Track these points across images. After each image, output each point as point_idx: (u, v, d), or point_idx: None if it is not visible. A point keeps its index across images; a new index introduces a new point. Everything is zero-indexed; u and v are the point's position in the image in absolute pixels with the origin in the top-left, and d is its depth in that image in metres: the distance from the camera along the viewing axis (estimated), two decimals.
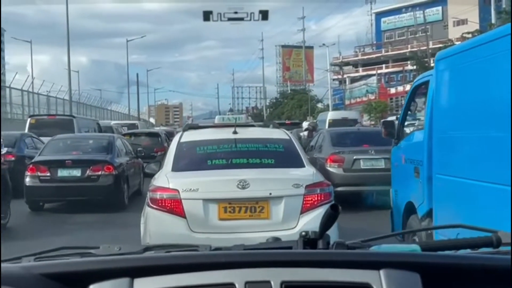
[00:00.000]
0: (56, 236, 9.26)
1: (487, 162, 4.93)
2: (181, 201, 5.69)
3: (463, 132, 5.36)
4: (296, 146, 6.74)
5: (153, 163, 7.58)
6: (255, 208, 5.76)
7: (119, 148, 13.66)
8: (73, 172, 12.10)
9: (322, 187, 5.96)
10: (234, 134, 6.65)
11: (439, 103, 5.92)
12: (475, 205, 5.12)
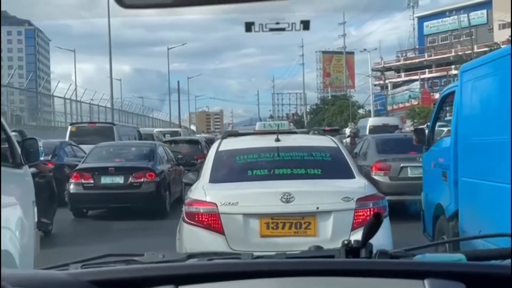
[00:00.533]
0: (99, 243, 9.31)
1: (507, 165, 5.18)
2: (219, 215, 5.26)
3: (485, 138, 5.79)
4: (344, 155, 6.23)
5: (191, 173, 7.12)
6: (300, 224, 5.26)
7: (161, 156, 13.79)
8: (116, 179, 12.27)
9: (375, 200, 5.43)
10: (277, 141, 6.22)
11: (463, 111, 6.42)
12: (496, 206, 5.51)
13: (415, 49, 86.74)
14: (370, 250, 1.57)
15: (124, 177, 12.26)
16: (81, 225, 11.92)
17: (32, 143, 5.42)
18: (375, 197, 5.49)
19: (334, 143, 6.51)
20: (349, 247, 1.58)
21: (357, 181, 5.80)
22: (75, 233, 10.92)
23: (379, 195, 5.63)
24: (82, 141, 18.40)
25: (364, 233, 1.59)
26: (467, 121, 6.35)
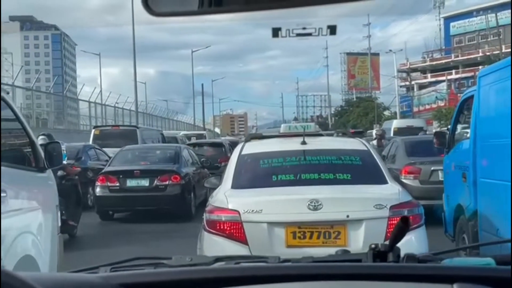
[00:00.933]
0: (125, 246, 9.44)
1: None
2: (242, 224, 4.92)
3: (503, 140, 5.96)
4: (376, 158, 5.84)
5: (213, 177, 6.87)
6: (329, 234, 4.90)
7: (186, 158, 13.87)
8: (142, 182, 12.39)
9: (410, 207, 5.03)
10: (303, 144, 5.87)
11: (482, 114, 6.69)
12: None
13: (441, 49, 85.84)
14: (398, 254, 1.55)
15: (150, 179, 12.37)
16: (107, 227, 11.99)
17: (55, 147, 5.37)
18: (410, 204, 5.11)
19: (364, 145, 6.16)
20: (377, 251, 1.56)
21: (390, 186, 5.42)
22: (101, 236, 10.98)
23: (415, 202, 5.23)
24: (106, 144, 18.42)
25: (391, 237, 1.57)
26: (485, 123, 6.61)
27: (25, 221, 4.67)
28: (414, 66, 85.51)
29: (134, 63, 37.22)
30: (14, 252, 4.27)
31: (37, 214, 4.96)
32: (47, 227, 5.14)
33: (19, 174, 4.81)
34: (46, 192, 5.39)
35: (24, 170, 4.97)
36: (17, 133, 5.16)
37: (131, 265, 1.69)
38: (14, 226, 4.36)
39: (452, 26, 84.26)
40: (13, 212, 4.38)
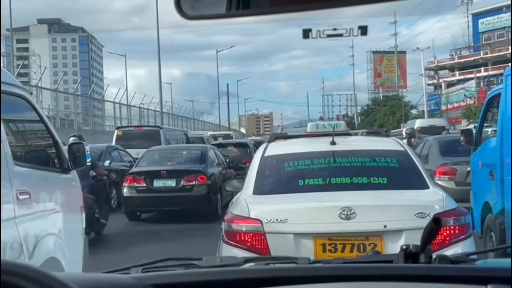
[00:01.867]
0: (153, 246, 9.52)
1: None
2: (265, 235, 4.41)
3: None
4: (414, 160, 5.23)
5: (235, 180, 6.40)
6: (364, 246, 4.35)
7: (212, 159, 13.94)
8: (168, 182, 12.47)
9: (456, 216, 4.46)
10: (332, 145, 5.31)
11: (508, 112, 6.67)
12: None
13: (469, 47, 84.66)
14: (430, 255, 1.54)
15: (176, 180, 12.43)
16: (135, 228, 12.09)
17: (80, 148, 5.31)
18: (456, 212, 4.53)
19: (401, 145, 5.57)
20: (408, 252, 1.56)
21: (432, 192, 4.81)
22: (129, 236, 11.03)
23: (462, 210, 4.66)
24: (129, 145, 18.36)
25: (423, 237, 1.55)
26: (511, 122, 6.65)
27: (49, 223, 4.67)
28: (442, 64, 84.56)
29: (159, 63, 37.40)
30: (38, 254, 4.25)
31: (61, 215, 4.93)
32: (72, 228, 5.14)
33: (42, 176, 4.80)
34: (70, 193, 5.36)
35: (47, 171, 4.94)
36: (41, 134, 5.16)
37: (162, 265, 1.70)
38: (38, 228, 4.40)
39: (481, 23, 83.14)
40: (37, 214, 4.43)
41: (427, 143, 12.78)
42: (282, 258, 1.89)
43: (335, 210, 4.39)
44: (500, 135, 6.91)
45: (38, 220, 4.46)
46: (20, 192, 4.16)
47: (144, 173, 12.63)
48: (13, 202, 4.04)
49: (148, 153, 14.19)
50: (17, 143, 4.58)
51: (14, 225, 4.00)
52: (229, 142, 22.40)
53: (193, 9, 1.50)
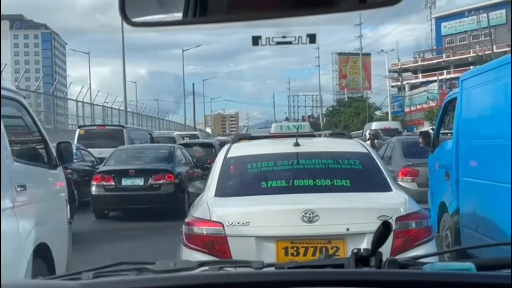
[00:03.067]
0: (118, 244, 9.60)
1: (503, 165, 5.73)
2: (226, 238, 4.32)
3: (484, 141, 6.40)
4: (378, 163, 5.20)
5: (198, 181, 6.29)
6: (327, 250, 4.31)
7: (179, 158, 14.15)
8: (136, 181, 12.65)
9: (419, 219, 4.43)
10: (296, 146, 5.26)
11: (464, 116, 7.04)
12: (492, 203, 6.10)
13: (432, 50, 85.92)
14: (380, 259, 1.56)
15: (144, 179, 12.61)
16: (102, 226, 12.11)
17: (66, 146, 5.94)
18: (419, 215, 4.50)
19: (365, 148, 5.54)
20: (359, 256, 1.58)
21: (395, 195, 4.78)
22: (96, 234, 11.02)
23: (424, 213, 4.65)
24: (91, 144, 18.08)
25: (373, 241, 1.57)
26: (467, 125, 6.97)
27: (40, 213, 5.21)
28: (406, 66, 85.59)
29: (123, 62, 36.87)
30: (31, 239, 4.80)
31: (51, 206, 5.60)
32: (59, 218, 5.80)
33: (35, 171, 5.40)
34: (58, 187, 5.96)
35: (39, 167, 5.52)
36: (33, 134, 5.66)
37: (115, 270, 1.68)
38: (32, 217, 4.97)
39: (444, 26, 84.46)
40: (31, 205, 4.99)
41: (390, 144, 12.89)
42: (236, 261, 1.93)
43: (298, 213, 4.33)
44: (456, 137, 7.18)
45: (32, 210, 5.01)
46: (18, 185, 4.74)
47: (113, 172, 12.75)
48: (13, 193, 4.62)
49: (116, 152, 14.31)
50: (14, 141, 5.03)
51: (13, 214, 4.55)
52: (195, 142, 22.32)
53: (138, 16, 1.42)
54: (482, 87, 6.45)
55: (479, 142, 6.48)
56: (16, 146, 5.09)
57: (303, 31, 6.46)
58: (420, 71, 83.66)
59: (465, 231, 6.77)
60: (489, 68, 6.54)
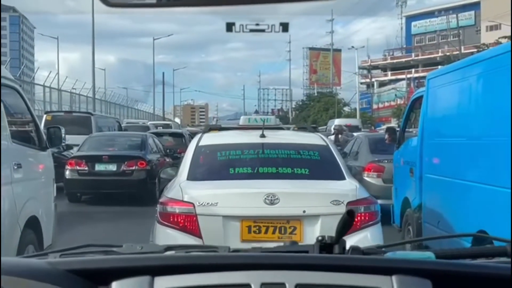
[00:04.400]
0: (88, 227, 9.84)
1: (464, 164, 6.02)
2: (196, 217, 4.83)
3: (445, 139, 6.61)
4: (334, 154, 5.80)
5: (169, 168, 6.75)
6: (285, 229, 4.85)
7: (151, 146, 14.71)
8: (109, 166, 13.18)
9: (367, 204, 5.02)
10: (262, 137, 5.80)
11: (428, 114, 7.19)
12: (452, 199, 6.31)
13: (402, 48, 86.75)
14: (343, 246, 1.60)
15: (117, 164, 13.15)
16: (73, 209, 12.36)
17: (56, 131, 6.60)
18: (367, 201, 5.09)
19: (324, 141, 6.09)
20: (323, 243, 1.61)
21: (347, 183, 5.37)
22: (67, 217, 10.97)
23: (372, 199, 5.23)
24: None
25: (337, 229, 1.61)
26: (431, 123, 7.14)
27: (33, 189, 5.87)
28: (375, 64, 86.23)
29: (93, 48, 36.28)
30: (24, 212, 5.46)
31: (41, 184, 6.26)
32: (47, 194, 6.45)
33: (29, 151, 6.04)
34: (47, 167, 6.57)
35: (32, 148, 6.15)
36: (27, 118, 6.21)
37: (82, 252, 1.69)
38: (25, 192, 5.61)
39: (414, 26, 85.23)
40: (25, 182, 5.60)
41: (358, 140, 13.04)
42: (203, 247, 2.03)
43: (261, 196, 4.85)
44: (421, 135, 7.36)
45: (25, 186, 5.64)
46: (15, 163, 5.38)
47: (86, 157, 13.24)
48: (11, 170, 5.24)
49: (90, 138, 14.83)
50: (11, 124, 5.55)
51: (11, 189, 5.18)
52: (165, 132, 22.68)
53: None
54: (448, 87, 6.66)
55: (442, 140, 6.71)
56: (12, 128, 5.61)
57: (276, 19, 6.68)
58: (389, 69, 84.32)
59: (426, 226, 7.04)
60: (455, 68, 6.76)
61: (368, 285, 1.37)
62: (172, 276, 1.38)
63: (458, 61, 7.26)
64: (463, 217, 5.90)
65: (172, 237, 4.81)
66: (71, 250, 1.71)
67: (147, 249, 1.68)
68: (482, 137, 5.55)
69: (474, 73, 5.86)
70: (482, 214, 5.44)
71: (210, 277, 1.38)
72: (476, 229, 5.31)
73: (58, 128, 6.73)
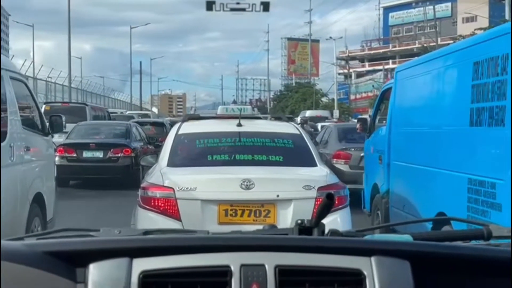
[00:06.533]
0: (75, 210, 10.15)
1: (426, 151, 6.45)
2: (176, 201, 5.09)
3: (412, 128, 6.98)
4: (307, 142, 6.09)
5: (149, 155, 7.02)
6: (260, 212, 5.14)
7: (135, 135, 15.64)
8: (96, 153, 14.13)
9: (336, 189, 5.28)
10: (239, 126, 6.07)
11: (396, 105, 7.64)
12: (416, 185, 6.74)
13: (379, 39, 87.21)
14: (322, 230, 1.61)
15: (104, 152, 14.10)
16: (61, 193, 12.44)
17: (57, 119, 7.38)
18: (337, 186, 5.38)
19: (297, 130, 6.38)
20: (302, 227, 1.62)
21: (319, 169, 5.66)
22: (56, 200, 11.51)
23: (341, 184, 5.53)
24: None
25: (317, 213, 1.62)
26: (398, 113, 7.58)
27: (39, 168, 6.73)
28: (353, 55, 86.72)
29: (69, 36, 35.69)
30: (32, 189, 6.37)
31: (44, 165, 7.08)
32: (49, 174, 7.30)
33: (35, 136, 6.84)
34: (49, 150, 7.50)
35: (37, 134, 6.95)
36: (32, 107, 7.02)
37: (58, 236, 1.68)
38: (33, 172, 6.49)
39: (391, 17, 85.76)
40: (33, 163, 6.48)
41: (328, 129, 14.10)
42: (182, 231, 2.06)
43: (237, 181, 5.13)
44: (389, 124, 7.79)
45: (33, 166, 6.55)
46: (25, 146, 6.25)
47: (75, 145, 14.17)
48: (22, 152, 6.12)
49: (78, 127, 15.66)
50: (21, 112, 6.30)
51: (22, 169, 6.06)
52: (147, 121, 23.63)
53: None
54: (413, 79, 7.07)
55: (407, 129, 7.14)
56: (22, 116, 6.37)
57: None
58: (367, 59, 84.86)
59: (393, 210, 7.42)
60: (420, 61, 7.19)
61: (347, 266, 1.40)
62: (151, 257, 1.38)
63: (423, 55, 7.68)
64: (425, 201, 6.35)
65: (153, 220, 5.04)
66: (48, 234, 1.70)
67: (125, 233, 1.67)
68: (442, 126, 6.01)
69: (436, 67, 6.30)
70: (442, 198, 5.90)
71: (189, 259, 1.38)
72: (436, 212, 5.81)
73: (59, 116, 7.47)
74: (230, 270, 1.35)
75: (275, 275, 1.35)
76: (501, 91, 4.66)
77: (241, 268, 1.36)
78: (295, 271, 1.38)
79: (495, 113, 4.73)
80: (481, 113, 4.99)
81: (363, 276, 1.38)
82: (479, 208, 5.02)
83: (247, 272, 1.36)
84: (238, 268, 1.36)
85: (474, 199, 5.10)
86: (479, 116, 5.03)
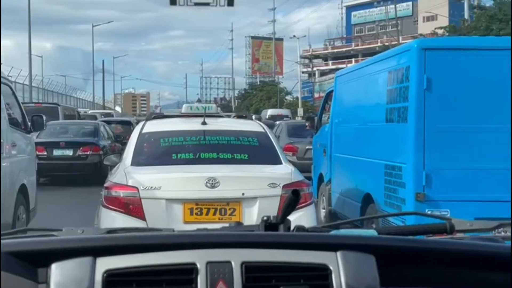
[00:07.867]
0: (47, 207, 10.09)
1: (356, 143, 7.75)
2: (140, 200, 5.02)
3: (348, 125, 8.27)
4: (272, 140, 6.13)
5: (113, 154, 7.04)
6: (225, 210, 5.14)
7: (103, 133, 16.40)
8: (66, 152, 14.88)
9: (301, 187, 5.29)
10: (203, 125, 6.02)
11: (336, 105, 9.02)
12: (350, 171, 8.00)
13: (342, 38, 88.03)
14: (288, 226, 1.62)
15: (73, 150, 14.86)
16: None
17: (38, 118, 8.41)
18: (301, 183, 5.39)
19: (262, 127, 6.37)
20: (268, 223, 1.62)
21: (284, 167, 5.68)
22: None
23: (306, 181, 5.56)
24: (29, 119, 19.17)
25: (283, 209, 1.63)
26: (337, 112, 8.90)
27: (23, 163, 7.74)
28: (316, 53, 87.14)
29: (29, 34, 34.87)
30: (18, 180, 7.38)
31: (27, 159, 8.06)
32: (31, 168, 8.28)
33: (19, 134, 7.77)
34: (31, 146, 8.42)
35: (21, 131, 7.89)
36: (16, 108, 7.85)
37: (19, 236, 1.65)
38: (18, 165, 7.44)
39: (354, 16, 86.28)
40: (19, 157, 7.48)
41: (280, 126, 16.97)
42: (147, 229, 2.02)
43: (202, 180, 5.10)
44: (331, 122, 9.08)
45: (18, 160, 7.49)
46: (12, 143, 7.24)
47: (45, 144, 14.60)
48: (10, 148, 7.12)
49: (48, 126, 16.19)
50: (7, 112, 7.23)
51: (9, 162, 7.04)
52: (114, 120, 24.24)
53: None
54: (348, 83, 8.35)
55: (344, 126, 8.44)
56: (8, 116, 7.26)
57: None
58: (330, 58, 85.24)
59: (334, 195, 8.67)
60: (353, 69, 8.61)
61: (313, 261, 1.40)
62: (115, 256, 1.36)
63: (360, 62, 9.18)
64: (356, 185, 7.59)
65: (117, 220, 4.96)
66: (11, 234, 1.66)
67: (88, 232, 1.65)
68: (367, 122, 7.26)
69: (364, 74, 7.57)
70: (368, 181, 7.11)
71: (154, 257, 1.36)
72: (364, 193, 7.10)
73: (40, 116, 8.45)
74: (196, 267, 1.35)
75: (242, 272, 1.35)
76: (405, 95, 5.90)
77: (207, 266, 1.35)
78: (261, 267, 1.38)
79: (401, 112, 6.00)
80: (392, 112, 6.28)
81: (329, 271, 1.39)
82: (391, 187, 6.23)
83: (213, 269, 1.35)
84: (204, 265, 1.35)
85: (388, 180, 6.34)
86: (391, 114, 6.31)
